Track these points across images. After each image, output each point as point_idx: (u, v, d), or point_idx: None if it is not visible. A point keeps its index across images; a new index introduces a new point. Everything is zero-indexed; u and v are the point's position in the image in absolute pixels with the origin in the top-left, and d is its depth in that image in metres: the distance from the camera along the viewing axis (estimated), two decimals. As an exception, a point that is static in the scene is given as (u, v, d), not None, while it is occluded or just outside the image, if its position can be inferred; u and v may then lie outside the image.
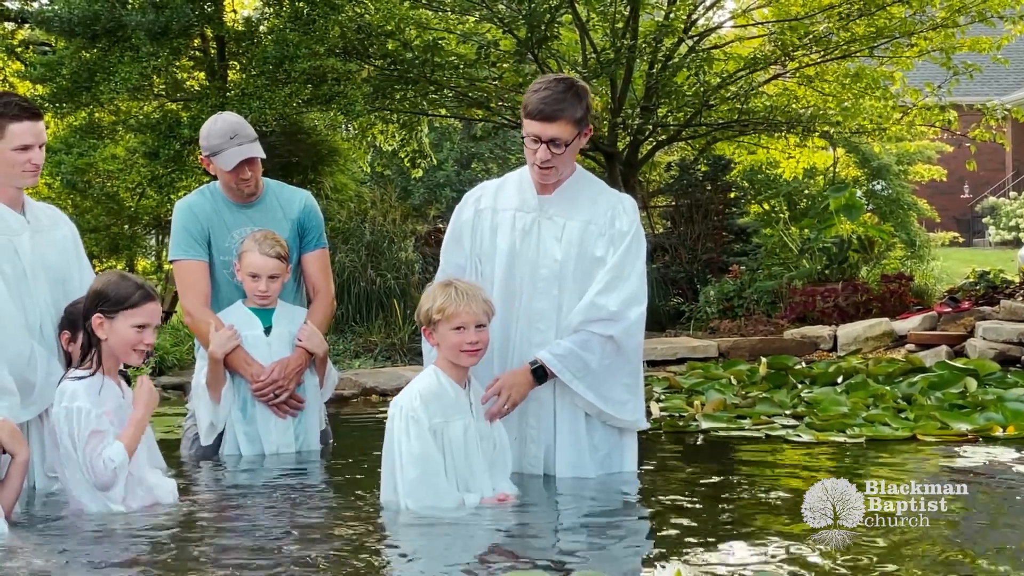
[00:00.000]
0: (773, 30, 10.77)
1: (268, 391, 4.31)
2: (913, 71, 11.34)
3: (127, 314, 3.50)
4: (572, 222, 3.82)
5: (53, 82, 9.07)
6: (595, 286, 3.76)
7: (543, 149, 3.69)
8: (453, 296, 3.46)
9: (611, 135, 10.54)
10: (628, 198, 3.95)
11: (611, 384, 3.78)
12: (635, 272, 3.79)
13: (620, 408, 3.81)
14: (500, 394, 3.67)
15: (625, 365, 3.80)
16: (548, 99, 3.67)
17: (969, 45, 10.43)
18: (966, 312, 8.08)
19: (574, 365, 3.72)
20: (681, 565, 2.86)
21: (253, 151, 4.40)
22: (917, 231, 13.14)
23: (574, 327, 3.75)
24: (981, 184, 23.14)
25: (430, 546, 3.17)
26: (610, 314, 3.72)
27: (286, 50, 8.80)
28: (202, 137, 4.49)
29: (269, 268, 4.30)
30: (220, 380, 4.28)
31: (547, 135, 3.68)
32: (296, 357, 4.38)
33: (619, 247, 3.79)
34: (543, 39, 9.80)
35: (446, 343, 3.47)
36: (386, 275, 9.32)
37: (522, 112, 3.77)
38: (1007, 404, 5.37)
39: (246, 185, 4.45)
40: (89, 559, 3.00)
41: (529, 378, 3.72)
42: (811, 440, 4.97)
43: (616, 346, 3.74)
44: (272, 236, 4.34)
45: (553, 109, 3.67)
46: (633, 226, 3.83)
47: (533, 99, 3.70)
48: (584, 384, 3.73)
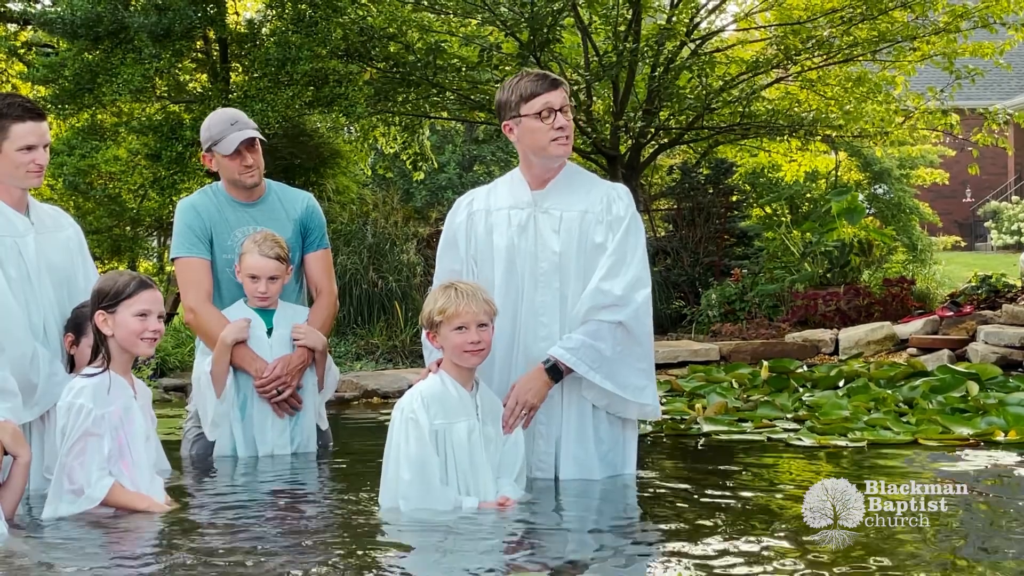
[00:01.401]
0: (775, 34, 10.77)
1: (271, 387, 4.32)
2: (916, 76, 11.35)
3: (126, 304, 3.51)
4: (569, 212, 3.83)
5: (56, 84, 9.09)
6: (598, 272, 3.75)
7: (560, 115, 3.76)
8: (453, 296, 3.46)
9: (613, 138, 10.54)
10: (621, 186, 3.96)
11: (627, 370, 3.76)
12: (636, 255, 3.79)
13: (639, 393, 3.79)
14: (517, 403, 3.66)
15: (637, 349, 3.78)
16: (539, 75, 3.80)
17: (972, 50, 10.43)
18: (968, 316, 8.08)
19: (588, 356, 3.70)
20: (682, 568, 2.86)
21: (254, 133, 4.44)
22: (919, 235, 13.15)
23: (581, 316, 3.74)
24: (983, 188, 23.15)
25: (430, 549, 3.17)
26: (616, 299, 3.71)
27: (288, 52, 8.81)
28: (203, 131, 4.51)
29: (269, 269, 4.30)
30: (225, 370, 4.28)
31: (559, 100, 3.76)
32: (299, 355, 4.39)
33: (618, 232, 3.79)
34: (545, 42, 9.81)
35: (449, 344, 3.47)
36: (388, 277, 9.32)
37: (519, 102, 3.78)
38: (1009, 408, 5.37)
39: (249, 174, 4.45)
40: (88, 560, 3.00)
41: (545, 378, 3.71)
42: (812, 444, 4.96)
43: (626, 331, 3.73)
44: (272, 237, 4.34)
45: (551, 79, 3.79)
46: (629, 211, 3.84)
47: (525, 82, 3.79)
48: (601, 374, 3.71)
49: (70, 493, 3.43)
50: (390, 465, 3.47)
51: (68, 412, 3.44)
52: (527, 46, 9.87)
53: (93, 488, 3.42)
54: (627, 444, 3.94)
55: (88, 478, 3.42)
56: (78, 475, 3.42)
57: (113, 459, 3.48)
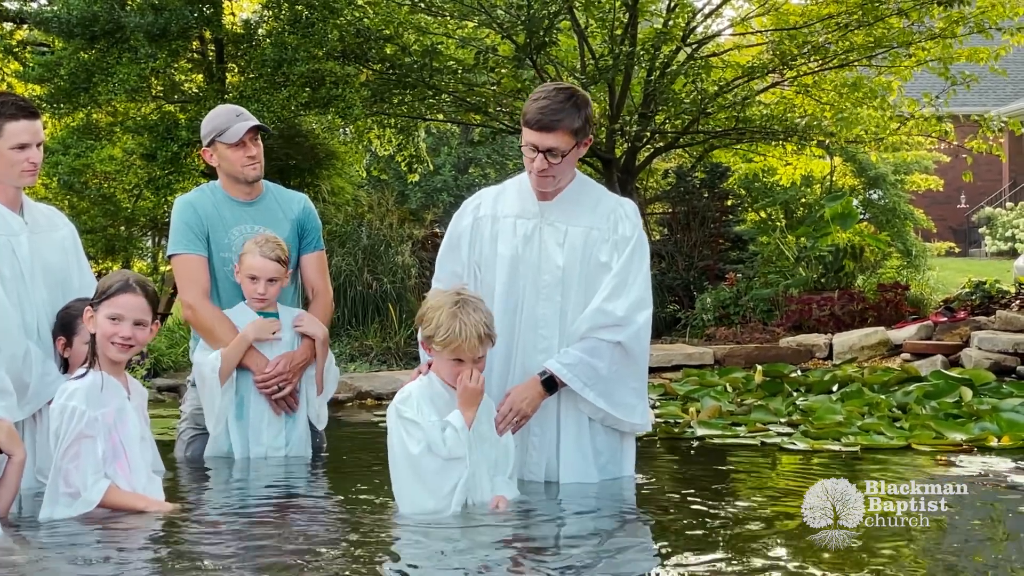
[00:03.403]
0: (771, 39, 10.78)
1: (273, 383, 4.31)
2: (911, 81, 11.37)
3: (104, 304, 3.50)
4: (574, 228, 3.81)
5: (51, 83, 9.07)
6: (601, 292, 3.74)
7: (540, 158, 3.68)
8: (458, 331, 3.40)
9: (609, 141, 10.55)
10: (629, 202, 3.94)
11: (620, 390, 3.76)
12: (640, 277, 3.78)
13: (629, 412, 3.80)
14: (511, 410, 3.66)
15: (633, 368, 3.79)
16: (546, 109, 3.65)
17: (967, 55, 10.45)
18: (962, 322, 8.09)
19: (584, 373, 3.70)
20: (676, 571, 2.86)
21: (259, 123, 4.46)
22: (913, 241, 13.16)
23: (581, 334, 3.73)
24: (977, 194, 23.19)
25: (430, 550, 3.16)
26: (618, 320, 3.71)
27: (285, 53, 8.81)
28: (205, 124, 4.50)
29: (269, 271, 4.29)
30: (234, 365, 4.26)
31: (544, 145, 3.67)
32: (302, 351, 4.39)
33: (623, 252, 3.78)
34: (542, 45, 9.81)
35: (444, 367, 3.48)
36: (383, 279, 9.32)
37: (521, 120, 3.76)
38: (1002, 414, 5.38)
39: (252, 165, 4.44)
40: (82, 559, 2.99)
41: (540, 390, 3.71)
42: (806, 448, 4.97)
43: (624, 352, 3.73)
44: (274, 239, 4.34)
45: (551, 119, 3.65)
46: (636, 231, 3.82)
47: (532, 108, 3.69)
48: (595, 392, 3.72)
49: (66, 496, 3.41)
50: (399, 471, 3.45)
51: (61, 415, 3.41)
52: (523, 49, 9.88)
53: (89, 491, 3.40)
54: (625, 451, 3.93)
55: (84, 481, 3.40)
56: (74, 478, 3.40)
57: (108, 460, 3.45)
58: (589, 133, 3.77)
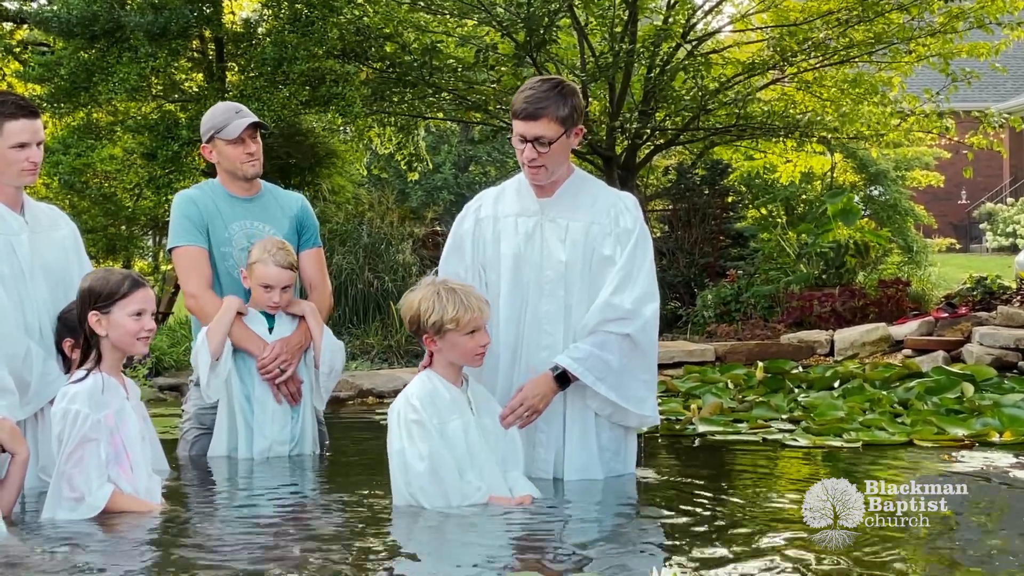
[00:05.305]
0: (772, 35, 10.78)
1: (274, 366, 4.32)
2: (912, 77, 11.36)
3: (121, 304, 3.49)
4: (575, 223, 3.82)
5: (51, 82, 9.08)
6: (608, 286, 3.75)
7: (528, 148, 3.71)
8: (463, 301, 3.44)
9: (609, 139, 10.55)
10: (629, 196, 3.96)
11: (631, 382, 3.77)
12: (645, 269, 3.80)
13: (641, 404, 3.81)
14: (522, 404, 3.66)
15: (643, 361, 3.80)
16: (531, 98, 3.69)
17: (967, 51, 10.45)
18: (963, 318, 8.08)
19: (596, 367, 3.71)
20: (678, 568, 2.86)
21: (258, 120, 4.48)
22: (914, 237, 13.15)
23: (590, 328, 3.74)
24: (978, 190, 23.20)
25: (429, 547, 3.17)
26: (626, 312, 3.72)
27: (285, 52, 8.81)
28: (205, 121, 4.52)
29: (284, 280, 4.34)
30: (224, 330, 4.24)
31: (531, 134, 3.69)
32: (297, 333, 4.41)
33: (626, 245, 3.79)
34: (542, 43, 9.81)
35: (460, 349, 3.47)
36: (383, 277, 9.32)
37: (511, 113, 3.78)
38: (1004, 410, 5.37)
39: (250, 162, 4.46)
40: (85, 558, 2.99)
41: (553, 386, 3.71)
42: (808, 444, 4.97)
43: (633, 344, 3.74)
44: (282, 245, 4.37)
45: (535, 108, 3.68)
46: (638, 223, 3.83)
47: (519, 99, 3.73)
48: (607, 385, 3.72)
49: (70, 500, 3.39)
50: (396, 471, 3.46)
51: (64, 418, 3.39)
52: (523, 47, 9.87)
53: (94, 496, 3.38)
54: (628, 448, 3.95)
55: (88, 485, 3.38)
56: (78, 482, 3.38)
57: (110, 463, 3.44)
58: (578, 122, 3.78)
